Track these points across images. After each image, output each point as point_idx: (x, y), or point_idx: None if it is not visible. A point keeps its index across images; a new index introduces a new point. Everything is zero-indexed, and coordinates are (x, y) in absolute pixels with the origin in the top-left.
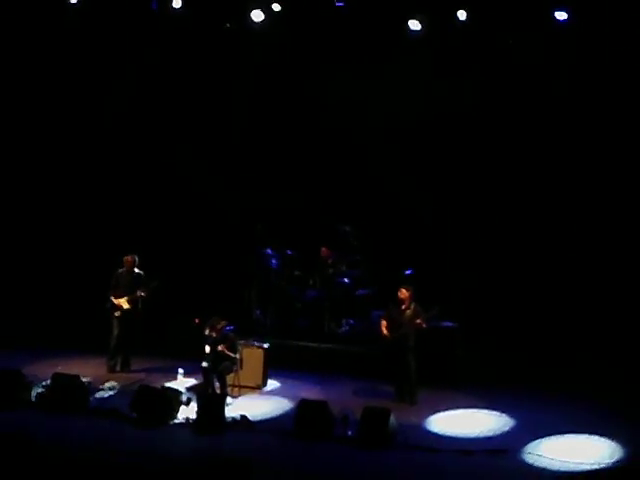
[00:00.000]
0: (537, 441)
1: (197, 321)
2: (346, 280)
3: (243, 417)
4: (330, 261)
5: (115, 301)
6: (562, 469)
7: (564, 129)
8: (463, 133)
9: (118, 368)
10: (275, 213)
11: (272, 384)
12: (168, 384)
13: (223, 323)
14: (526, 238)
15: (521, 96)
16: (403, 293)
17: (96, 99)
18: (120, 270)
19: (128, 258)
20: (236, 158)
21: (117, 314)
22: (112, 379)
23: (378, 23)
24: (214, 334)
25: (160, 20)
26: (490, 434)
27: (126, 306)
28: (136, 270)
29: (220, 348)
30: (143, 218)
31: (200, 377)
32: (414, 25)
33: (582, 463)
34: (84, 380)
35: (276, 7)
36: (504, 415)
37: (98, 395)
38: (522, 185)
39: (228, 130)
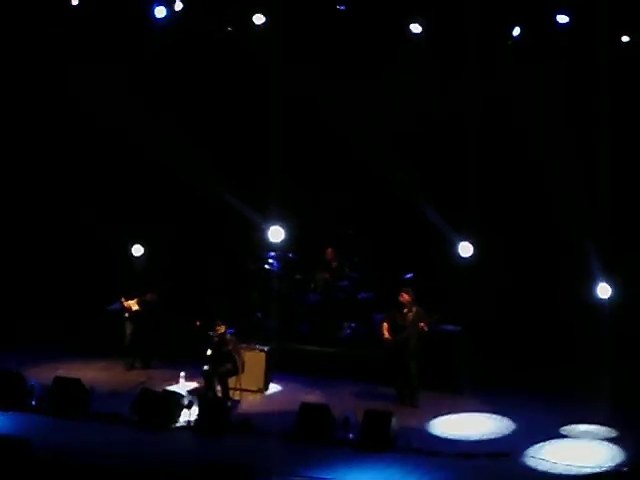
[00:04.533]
0: (539, 445)
1: (198, 324)
2: (347, 283)
3: (245, 420)
4: (334, 264)
5: (125, 303)
6: (564, 473)
7: (565, 133)
8: (464, 136)
9: (138, 365)
10: (278, 216)
11: (274, 387)
12: (170, 387)
13: (224, 326)
14: (527, 240)
15: (521, 99)
16: (404, 297)
17: (100, 100)
18: (131, 272)
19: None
20: (239, 161)
21: (127, 315)
22: (119, 381)
23: (378, 26)
24: (216, 337)
25: (160, 23)
26: (492, 437)
27: (135, 308)
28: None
29: (229, 347)
30: (146, 220)
31: (202, 380)
32: (415, 28)
33: (584, 466)
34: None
35: (277, 10)
36: (506, 418)
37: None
38: (524, 188)
39: (230, 131)
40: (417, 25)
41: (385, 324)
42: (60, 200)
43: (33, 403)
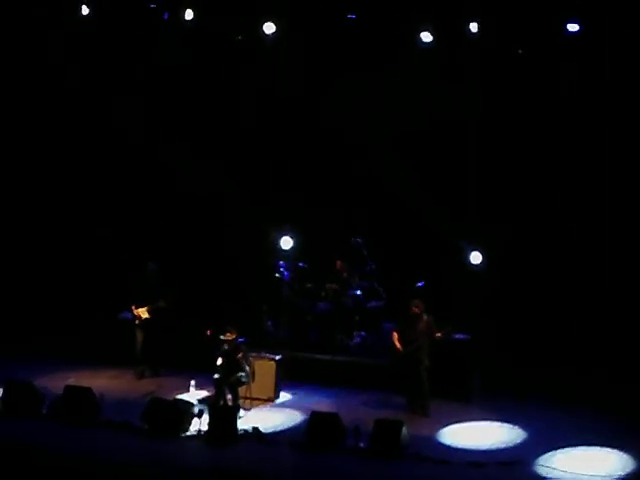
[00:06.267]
0: (549, 453)
1: (209, 333)
2: (357, 292)
3: (255, 429)
4: (345, 275)
5: (135, 311)
6: None
7: (572, 140)
8: (476, 143)
9: (148, 374)
10: (289, 224)
11: (284, 396)
12: (180, 396)
13: (235, 335)
14: (538, 247)
15: (531, 106)
16: (415, 307)
17: (109, 111)
18: (141, 280)
19: (152, 267)
20: (250, 170)
21: (137, 322)
22: (129, 389)
23: (389, 34)
24: (226, 346)
25: (171, 31)
26: (502, 446)
27: (145, 316)
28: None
29: (240, 355)
30: (155, 229)
31: (212, 389)
32: (426, 37)
33: (595, 475)
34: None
35: (288, 20)
36: (516, 427)
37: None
38: (535, 196)
39: (240, 140)
40: (427, 34)
41: (395, 334)
42: (71, 211)
43: (44, 412)
